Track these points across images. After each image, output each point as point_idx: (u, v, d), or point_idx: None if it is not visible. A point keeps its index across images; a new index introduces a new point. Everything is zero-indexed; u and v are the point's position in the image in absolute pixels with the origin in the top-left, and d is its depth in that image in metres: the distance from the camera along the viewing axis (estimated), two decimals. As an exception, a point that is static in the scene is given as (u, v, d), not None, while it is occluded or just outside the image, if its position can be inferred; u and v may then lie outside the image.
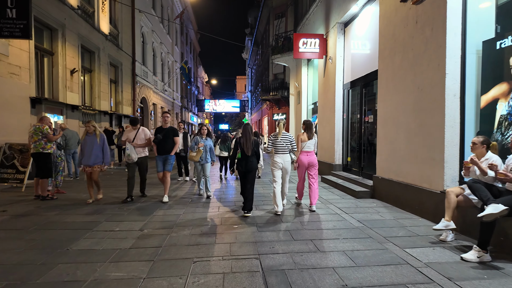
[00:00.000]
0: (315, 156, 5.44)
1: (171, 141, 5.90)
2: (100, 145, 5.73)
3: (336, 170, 8.47)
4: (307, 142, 5.28)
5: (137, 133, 5.88)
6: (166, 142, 5.84)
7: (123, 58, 15.02)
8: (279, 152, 5.10)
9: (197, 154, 6.04)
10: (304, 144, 5.27)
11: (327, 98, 9.22)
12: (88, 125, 5.72)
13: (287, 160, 5.11)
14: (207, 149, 6.18)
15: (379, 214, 4.90)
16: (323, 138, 9.54)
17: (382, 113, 5.98)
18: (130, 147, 5.71)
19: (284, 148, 5.11)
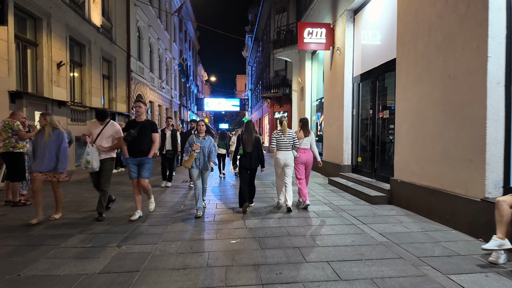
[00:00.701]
0: (311, 154, 5.49)
1: (148, 139, 4.41)
2: (54, 146, 4.18)
3: (345, 172, 7.74)
4: (303, 140, 5.35)
5: (103, 129, 4.41)
6: (141, 141, 4.34)
7: (117, 52, 14.28)
8: (282, 149, 5.10)
9: (190, 159, 4.61)
10: (301, 141, 5.33)
11: (334, 93, 8.48)
12: (41, 119, 4.23)
13: (289, 157, 5.11)
14: (205, 152, 4.66)
15: (403, 224, 4.16)
16: (330, 136, 8.80)
17: (401, 107, 5.24)
18: (91, 150, 4.24)
19: (288, 145, 5.11)
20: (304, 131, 5.40)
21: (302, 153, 5.35)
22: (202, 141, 4.74)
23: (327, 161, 8.90)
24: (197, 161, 4.66)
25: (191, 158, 4.62)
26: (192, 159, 4.62)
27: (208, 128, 4.93)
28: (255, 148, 4.97)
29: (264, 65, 25.49)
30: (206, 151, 4.70)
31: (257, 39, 29.93)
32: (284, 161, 5.07)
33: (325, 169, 9.04)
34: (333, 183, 7.40)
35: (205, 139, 4.78)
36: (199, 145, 4.63)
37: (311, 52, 11.60)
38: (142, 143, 4.36)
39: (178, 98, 30.14)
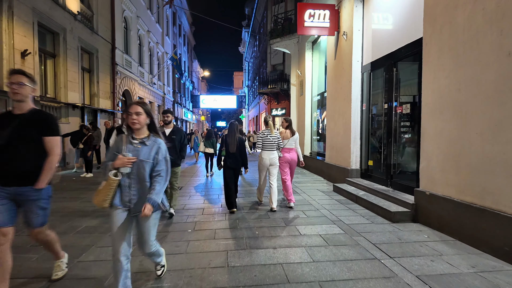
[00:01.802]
0: (295, 153, 5.53)
1: (30, 149, 2.32)
2: None
3: (353, 177, 6.60)
4: (289, 140, 5.37)
5: None
6: (14, 152, 2.27)
7: (99, 43, 13.05)
8: (267, 149, 5.11)
9: (104, 189, 2.18)
10: (287, 141, 5.36)
11: (339, 85, 7.32)
12: None
13: (273, 156, 5.12)
14: (142, 176, 2.24)
15: (444, 259, 3.03)
16: (334, 135, 7.66)
17: (431, 98, 4.10)
18: None
19: (273, 145, 5.12)
20: (290, 131, 5.41)
21: (287, 153, 5.39)
22: (142, 149, 2.23)
23: (331, 164, 7.76)
24: (125, 193, 2.20)
25: (106, 187, 2.16)
26: (109, 190, 2.16)
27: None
28: (238, 149, 4.97)
29: (261, 59, 24.30)
30: (145, 171, 2.23)
31: (253, 32, 28.71)
32: (269, 161, 5.09)
33: (328, 173, 7.91)
34: (339, 191, 6.27)
35: (147, 144, 2.26)
36: (134, 158, 2.19)
37: (311, 41, 10.43)
38: (14, 158, 2.28)
39: (172, 94, 28.88)
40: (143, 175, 2.22)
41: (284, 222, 4.25)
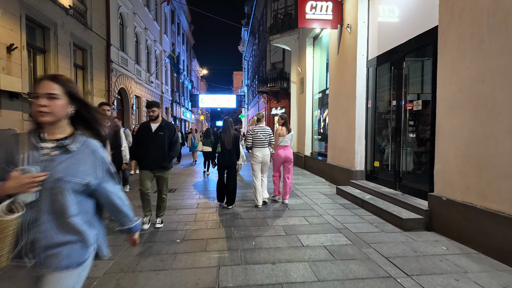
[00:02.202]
0: (291, 150, 5.43)
1: None
2: None
3: (357, 179, 6.19)
4: (285, 137, 5.31)
5: None
6: None
7: (93, 40, 12.62)
8: (258, 146, 5.13)
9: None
10: (282, 138, 5.30)
11: (342, 81, 6.90)
12: None
13: (266, 154, 5.15)
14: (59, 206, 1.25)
15: (469, 277, 2.61)
16: (337, 135, 7.23)
17: (448, 92, 3.68)
18: None
19: (263, 142, 5.14)
20: (286, 128, 5.34)
21: (282, 149, 5.32)
22: (60, 158, 1.27)
23: (333, 165, 7.34)
24: (23, 237, 1.21)
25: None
26: (3, 236, 1.16)
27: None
28: (234, 145, 4.98)
29: (260, 57, 23.88)
30: (67, 198, 1.26)
31: (253, 30, 28.29)
32: (262, 157, 5.12)
33: (331, 174, 7.48)
34: (343, 194, 5.85)
35: (72, 150, 1.30)
36: (44, 175, 1.20)
37: (312, 36, 10.01)
38: None
39: (170, 93, 28.46)
40: (63, 206, 1.24)
41: (285, 231, 3.83)
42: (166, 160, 3.89)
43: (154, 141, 3.83)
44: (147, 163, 3.85)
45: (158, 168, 3.88)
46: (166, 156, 3.88)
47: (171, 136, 3.93)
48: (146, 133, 3.88)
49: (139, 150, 3.92)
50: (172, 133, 3.96)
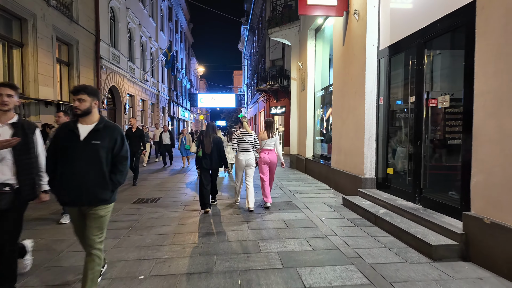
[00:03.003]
0: (275, 155, 5.36)
1: None
2: None
3: (367, 187, 5.36)
4: (267, 141, 5.25)
5: None
6: None
7: (80, 34, 11.82)
8: (243, 150, 5.15)
9: None
10: (265, 142, 5.25)
11: (349, 76, 6.08)
12: None
13: (250, 158, 5.14)
14: None
15: None
16: (342, 136, 6.41)
17: (492, 84, 2.85)
18: None
19: (248, 146, 5.14)
20: (268, 132, 5.28)
21: (266, 153, 5.27)
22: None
23: (338, 170, 6.51)
24: None
25: None
26: None
27: None
28: (215, 149, 4.96)
29: (260, 55, 23.06)
30: None
31: (252, 28, 27.47)
32: (246, 161, 5.13)
33: (335, 181, 6.66)
34: (351, 206, 5.02)
35: None
36: None
37: (314, 29, 9.18)
38: None
39: (167, 92, 27.66)
40: None
41: (281, 261, 3.01)
42: (106, 189, 2.26)
43: (83, 155, 2.20)
44: (69, 194, 2.21)
45: (89, 201, 2.22)
46: (107, 182, 2.25)
47: (117, 148, 2.30)
48: (70, 141, 2.21)
49: (56, 171, 2.25)
50: (120, 144, 2.32)
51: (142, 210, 5.05)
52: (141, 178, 8.42)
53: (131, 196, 6.10)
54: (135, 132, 7.73)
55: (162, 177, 8.86)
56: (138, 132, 7.77)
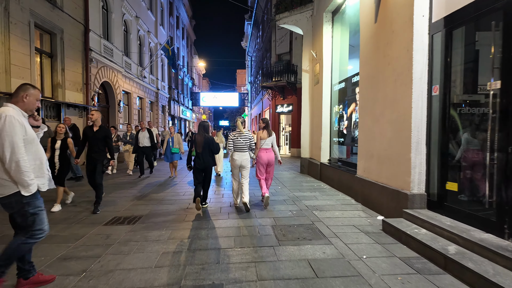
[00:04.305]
0: (273, 154, 5.38)
1: None
2: None
3: (414, 207, 3.99)
4: (266, 140, 5.27)
5: None
6: None
7: (65, 22, 10.54)
8: (238, 150, 5.11)
9: None
10: (263, 141, 5.27)
11: (385, 60, 4.71)
12: None
13: (245, 158, 5.10)
14: None
15: None
16: (375, 137, 5.04)
17: None
18: None
19: (243, 146, 5.10)
20: (267, 131, 5.30)
21: (264, 152, 5.30)
22: None
23: (368, 181, 5.15)
24: None
25: None
26: None
27: None
28: (207, 149, 4.96)
29: (265, 50, 21.70)
30: None
31: (256, 22, 26.12)
32: (240, 162, 5.08)
33: (364, 194, 5.29)
34: (397, 235, 3.65)
35: None
36: None
37: (331, 11, 7.81)
38: None
39: (167, 90, 26.39)
40: None
41: None
42: None
43: None
44: None
45: None
46: None
47: None
48: None
49: None
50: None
51: (113, 237, 3.72)
52: (122, 187, 7.11)
53: (106, 214, 4.78)
54: (98, 132, 5.12)
55: (146, 188, 7.54)
56: (102, 132, 5.16)
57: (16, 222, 2.41)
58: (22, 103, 2.40)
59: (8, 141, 2.19)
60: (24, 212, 2.31)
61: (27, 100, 2.41)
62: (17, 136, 2.22)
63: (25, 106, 2.41)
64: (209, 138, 5.02)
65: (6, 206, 2.32)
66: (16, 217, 2.37)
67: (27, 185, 2.25)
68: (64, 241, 3.61)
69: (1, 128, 2.20)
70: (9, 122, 2.21)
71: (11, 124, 2.21)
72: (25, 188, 2.26)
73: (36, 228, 2.38)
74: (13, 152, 2.20)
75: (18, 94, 2.40)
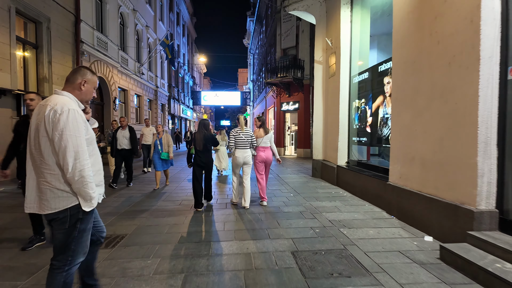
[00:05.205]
0: (271, 152, 5.35)
1: None
2: None
3: (482, 228, 2.99)
4: (263, 138, 5.23)
5: None
6: None
7: (52, 11, 9.60)
8: (240, 147, 5.06)
9: None
10: (261, 140, 5.24)
11: (434, 38, 3.72)
12: None
13: (247, 155, 5.06)
14: None
15: None
16: (417, 136, 4.05)
17: None
18: None
19: (245, 143, 5.06)
20: (264, 130, 5.28)
21: (262, 151, 5.27)
22: None
23: (407, 190, 4.16)
24: None
25: None
26: None
27: None
28: (206, 146, 4.95)
29: (269, 45, 20.70)
30: None
31: (260, 17, 25.13)
32: (243, 159, 5.04)
33: (401, 206, 4.30)
34: (468, 269, 2.67)
35: None
36: None
37: (351, -9, 6.82)
38: None
39: (167, 88, 25.44)
40: None
41: None
42: None
43: None
44: None
45: None
46: None
47: None
48: None
49: None
50: None
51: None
52: (107, 194, 6.15)
53: (81, 232, 3.81)
54: None
55: (135, 197, 6.57)
56: None
57: None
58: (78, 91, 1.91)
59: (71, 144, 1.70)
60: (72, 229, 1.81)
61: (85, 88, 1.93)
62: (82, 137, 1.76)
63: (81, 95, 1.93)
64: (207, 134, 5.00)
65: (58, 222, 1.79)
66: (59, 236, 1.81)
67: (90, 198, 1.79)
68: (14, 276, 2.64)
69: (63, 127, 1.69)
70: (73, 119, 1.72)
71: (75, 121, 1.73)
72: (87, 202, 1.80)
73: (78, 251, 1.85)
74: (77, 158, 1.72)
75: (75, 79, 1.90)
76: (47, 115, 1.69)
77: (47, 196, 1.73)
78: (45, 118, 1.69)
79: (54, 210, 1.74)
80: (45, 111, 1.71)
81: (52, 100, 1.75)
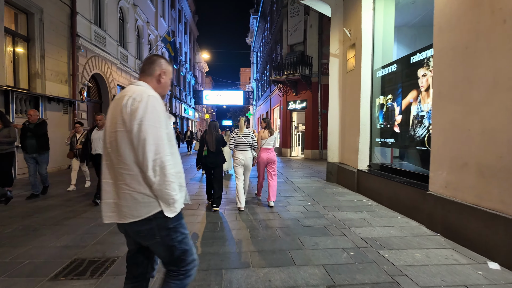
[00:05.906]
0: (274, 153, 5.34)
1: None
2: None
3: None
4: (267, 139, 5.25)
5: None
6: None
7: (44, 1, 8.94)
8: (241, 149, 5.06)
9: None
10: (265, 141, 5.26)
11: (498, 13, 3.02)
12: None
13: (248, 157, 5.07)
14: None
15: None
16: (471, 136, 3.34)
17: None
18: None
19: (246, 145, 5.06)
20: (268, 131, 5.27)
21: (265, 153, 5.27)
22: None
23: (457, 202, 3.44)
24: None
25: None
26: None
27: None
28: (217, 147, 4.95)
29: (274, 42, 19.97)
30: None
31: (264, 13, 24.42)
32: (244, 160, 5.04)
33: (449, 222, 3.59)
34: None
35: None
36: None
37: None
38: None
39: (168, 87, 24.73)
40: None
41: None
42: None
43: None
44: None
45: None
46: None
47: None
48: None
49: None
50: None
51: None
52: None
53: (63, 252, 3.13)
54: None
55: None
56: None
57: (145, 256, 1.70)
58: (157, 84, 1.63)
59: (152, 136, 1.41)
60: (171, 242, 1.53)
61: (164, 81, 1.65)
62: (162, 128, 1.45)
63: (159, 89, 1.63)
64: (218, 136, 4.98)
65: (143, 235, 1.52)
66: (157, 250, 1.58)
67: (172, 202, 1.48)
68: None
69: (143, 116, 1.40)
70: (152, 107, 1.43)
71: (154, 110, 1.43)
72: (169, 207, 1.49)
73: (189, 261, 1.60)
74: (158, 152, 1.42)
75: (153, 70, 1.61)
76: (125, 104, 1.43)
77: (128, 202, 1.47)
78: (122, 108, 1.43)
79: (137, 219, 1.48)
80: (122, 101, 1.45)
81: (129, 90, 1.50)
